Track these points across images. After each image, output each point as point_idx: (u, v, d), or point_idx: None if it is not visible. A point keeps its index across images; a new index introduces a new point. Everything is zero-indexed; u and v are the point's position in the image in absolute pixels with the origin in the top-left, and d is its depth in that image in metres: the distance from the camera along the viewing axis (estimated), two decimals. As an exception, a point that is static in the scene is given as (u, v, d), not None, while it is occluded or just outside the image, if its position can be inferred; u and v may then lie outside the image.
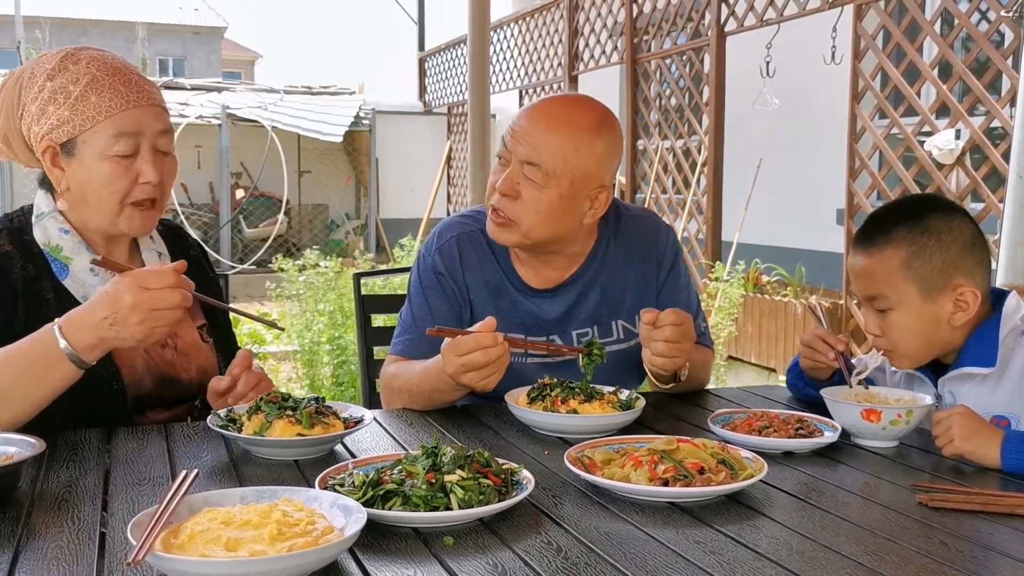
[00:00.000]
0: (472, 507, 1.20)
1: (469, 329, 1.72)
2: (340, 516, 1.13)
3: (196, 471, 1.21)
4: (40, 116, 1.69)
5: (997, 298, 1.77)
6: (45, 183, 1.80)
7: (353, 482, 1.26)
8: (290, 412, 1.52)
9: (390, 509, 1.19)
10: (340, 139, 12.41)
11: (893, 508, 1.31)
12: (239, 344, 2.09)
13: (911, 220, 1.75)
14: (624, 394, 1.78)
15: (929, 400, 1.69)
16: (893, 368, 1.89)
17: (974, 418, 1.53)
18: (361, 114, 13.22)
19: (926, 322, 1.74)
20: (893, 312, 1.75)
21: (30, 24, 18.82)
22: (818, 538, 1.19)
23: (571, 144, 1.85)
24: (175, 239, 1.98)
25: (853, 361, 1.88)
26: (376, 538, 1.16)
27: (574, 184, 1.87)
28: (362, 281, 2.68)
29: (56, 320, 1.52)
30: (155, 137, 1.72)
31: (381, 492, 1.22)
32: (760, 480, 1.34)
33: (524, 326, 1.99)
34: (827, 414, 1.69)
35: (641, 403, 1.75)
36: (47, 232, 1.75)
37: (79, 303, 1.70)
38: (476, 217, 2.06)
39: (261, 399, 1.57)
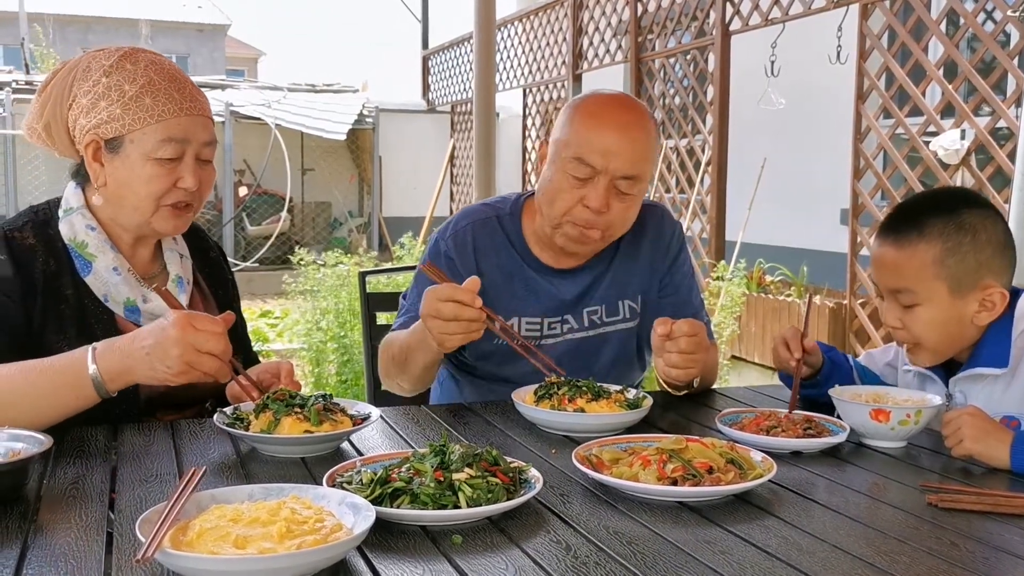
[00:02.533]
0: (480, 505, 1.19)
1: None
2: (348, 514, 1.13)
3: (204, 468, 1.21)
4: (90, 109, 1.70)
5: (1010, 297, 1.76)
6: (78, 176, 1.80)
7: (361, 480, 1.26)
8: (298, 409, 1.52)
9: (398, 507, 1.19)
10: (343, 137, 12.41)
11: (903, 508, 1.31)
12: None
13: (945, 215, 1.70)
14: (631, 393, 1.77)
15: (938, 400, 1.68)
16: (906, 367, 1.87)
17: (984, 419, 1.52)
18: (364, 112, 13.22)
19: (951, 320, 1.71)
20: (919, 308, 1.71)
21: (34, 21, 18.83)
22: (828, 538, 1.18)
23: (652, 149, 1.95)
24: (197, 241, 1.99)
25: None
26: (384, 536, 1.15)
27: (647, 185, 1.97)
28: (367, 279, 2.67)
29: (96, 344, 1.54)
30: (200, 146, 1.74)
31: (389, 490, 1.21)
32: (769, 480, 1.33)
33: (541, 306, 2.04)
34: (833, 413, 1.69)
35: (648, 402, 1.74)
36: (74, 228, 1.75)
37: (99, 301, 1.73)
38: (495, 205, 2.13)
39: (268, 397, 1.57)
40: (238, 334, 1.98)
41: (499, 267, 2.04)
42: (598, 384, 1.75)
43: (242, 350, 1.99)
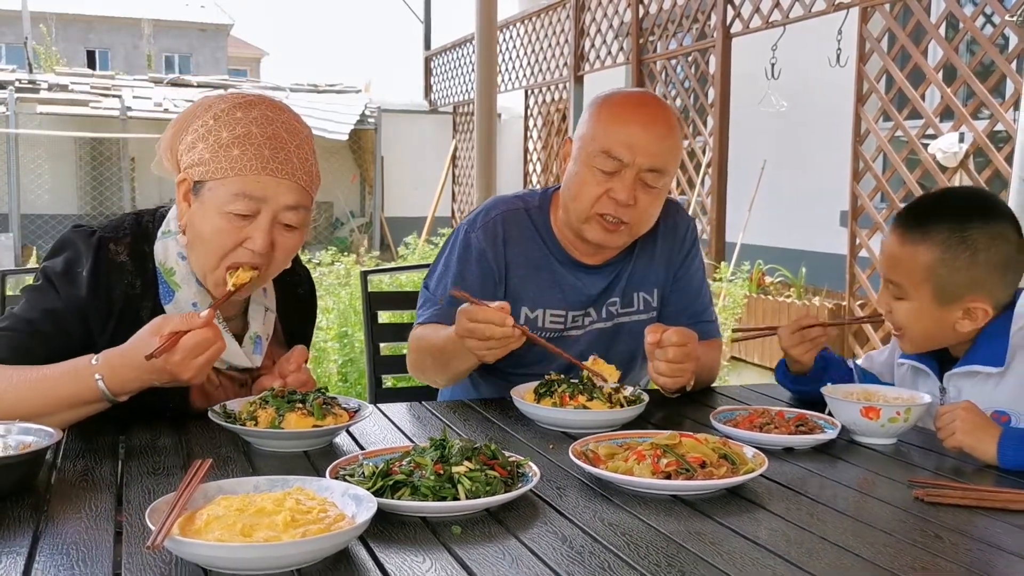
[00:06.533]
0: (479, 497, 1.23)
1: (486, 302, 1.75)
2: (351, 504, 1.16)
3: (210, 460, 1.24)
4: (190, 149, 1.66)
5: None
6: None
7: (363, 472, 1.29)
8: (300, 405, 1.56)
9: (399, 499, 1.22)
10: (345, 137, 12.45)
11: (890, 503, 1.34)
12: None
13: (954, 223, 1.71)
14: (628, 390, 1.81)
15: (928, 399, 1.71)
16: (900, 360, 1.92)
17: (978, 414, 1.56)
18: (367, 112, 13.27)
19: (931, 321, 1.76)
20: (904, 303, 1.77)
21: (36, 20, 18.86)
22: (815, 530, 1.22)
23: (676, 144, 2.02)
24: (288, 275, 1.89)
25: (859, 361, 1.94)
26: (385, 527, 1.19)
27: (672, 179, 2.03)
28: (368, 278, 2.71)
29: (92, 362, 1.51)
30: (280, 209, 1.63)
31: (390, 482, 1.25)
32: (761, 475, 1.37)
33: (566, 300, 2.09)
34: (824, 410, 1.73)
35: (645, 399, 1.78)
36: (167, 251, 1.71)
37: None
38: (524, 197, 2.17)
39: (268, 393, 1.60)
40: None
41: (527, 259, 2.08)
42: (593, 386, 1.78)
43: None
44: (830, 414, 1.71)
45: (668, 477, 1.33)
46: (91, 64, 26.90)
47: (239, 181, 1.61)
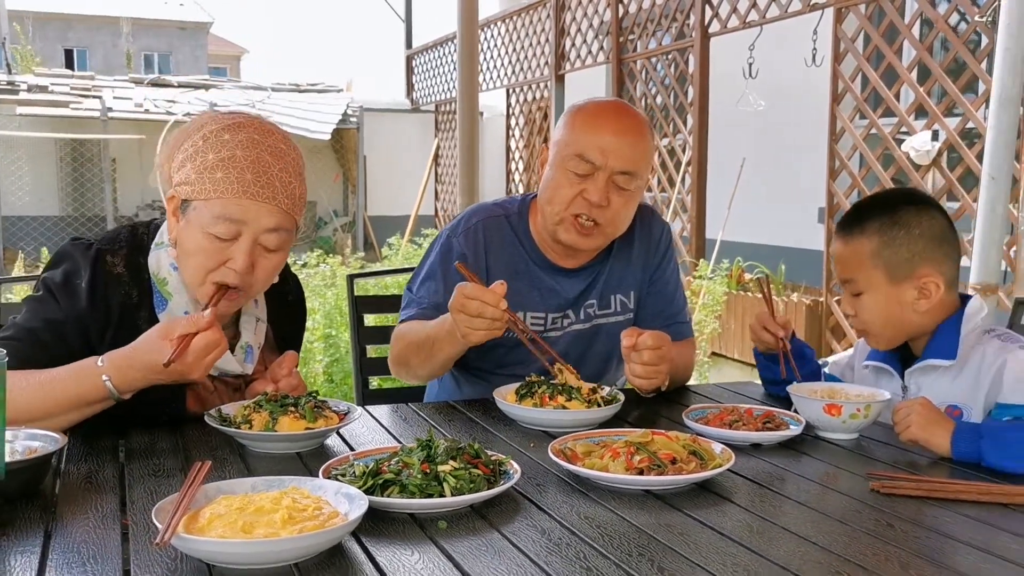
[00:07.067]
0: (464, 494, 1.31)
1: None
2: (344, 502, 1.24)
3: (209, 462, 1.31)
4: (180, 167, 1.70)
5: (964, 299, 1.91)
6: None
7: (354, 472, 1.37)
8: (292, 408, 1.63)
9: (389, 496, 1.30)
10: (328, 137, 12.48)
11: (848, 495, 1.44)
12: None
13: (884, 212, 1.90)
14: (605, 391, 1.89)
15: (887, 396, 1.81)
16: (864, 363, 2.02)
17: (932, 409, 1.66)
18: (349, 111, 13.30)
19: (891, 305, 1.88)
20: (864, 296, 1.91)
21: (12, 19, 18.73)
22: (777, 521, 1.30)
23: (648, 151, 2.10)
24: (274, 293, 1.95)
25: (827, 362, 2.03)
26: (376, 523, 1.27)
27: (645, 183, 2.11)
28: (355, 282, 2.78)
29: (99, 363, 1.59)
30: (260, 231, 1.68)
31: (380, 481, 1.33)
32: (728, 469, 1.45)
33: (545, 302, 2.17)
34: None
35: (621, 399, 1.87)
36: (159, 262, 1.77)
37: None
38: (504, 205, 2.26)
39: (262, 397, 1.68)
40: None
41: (507, 263, 2.16)
42: (571, 387, 1.87)
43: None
44: (796, 411, 1.80)
45: (641, 473, 1.42)
46: (69, 63, 26.79)
47: (221, 204, 1.65)
